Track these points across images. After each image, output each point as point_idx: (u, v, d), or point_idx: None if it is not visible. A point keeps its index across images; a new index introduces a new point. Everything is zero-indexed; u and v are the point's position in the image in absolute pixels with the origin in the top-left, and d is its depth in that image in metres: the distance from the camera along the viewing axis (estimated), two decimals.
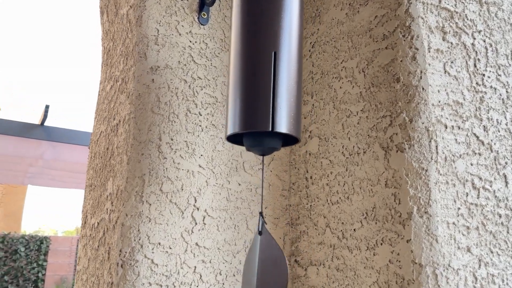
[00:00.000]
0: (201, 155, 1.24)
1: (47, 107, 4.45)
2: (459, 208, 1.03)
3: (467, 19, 1.18)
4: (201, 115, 1.27)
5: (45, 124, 4.66)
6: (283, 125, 0.87)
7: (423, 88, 1.06)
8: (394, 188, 1.04)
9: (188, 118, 1.25)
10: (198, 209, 1.21)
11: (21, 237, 9.18)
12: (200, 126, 1.26)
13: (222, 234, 1.23)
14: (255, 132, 0.92)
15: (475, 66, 1.16)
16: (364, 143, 1.14)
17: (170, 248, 1.15)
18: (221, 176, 1.26)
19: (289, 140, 0.97)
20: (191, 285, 1.17)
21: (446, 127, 1.06)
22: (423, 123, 1.04)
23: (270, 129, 0.86)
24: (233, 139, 0.97)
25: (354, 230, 1.13)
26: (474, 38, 1.18)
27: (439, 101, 1.06)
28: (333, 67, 1.29)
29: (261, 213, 0.95)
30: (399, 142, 1.05)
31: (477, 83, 1.14)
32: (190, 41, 1.30)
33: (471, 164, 1.08)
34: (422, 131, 1.03)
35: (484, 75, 1.16)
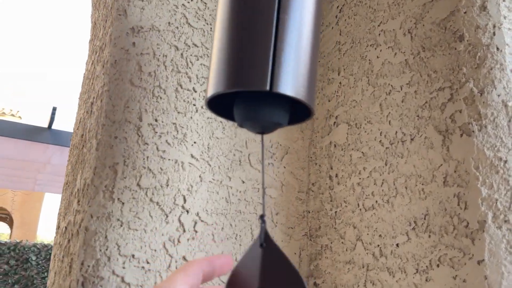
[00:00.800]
0: (195, 143, 0.96)
1: (54, 109, 4.25)
2: None
3: None
4: (195, 91, 0.99)
5: (53, 127, 4.45)
6: (288, 85, 0.57)
7: (497, 48, 0.76)
8: (458, 187, 0.74)
9: (178, 95, 0.96)
10: (188, 212, 0.92)
11: (32, 246, 9.02)
12: (194, 105, 0.98)
13: (219, 245, 0.94)
14: (249, 98, 0.63)
15: None
16: (411, 127, 0.84)
17: (148, 262, 0.86)
18: (219, 171, 0.97)
19: (298, 113, 0.68)
20: None
21: None
22: (499, 95, 0.74)
23: (268, 88, 0.56)
24: (218, 106, 0.67)
25: (397, 245, 0.83)
26: None
27: None
28: (367, 32, 1.00)
29: (262, 217, 0.64)
30: (465, 123, 0.75)
31: None
32: None
33: None
34: (498, 106, 0.73)
35: None
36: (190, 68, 0.99)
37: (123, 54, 0.93)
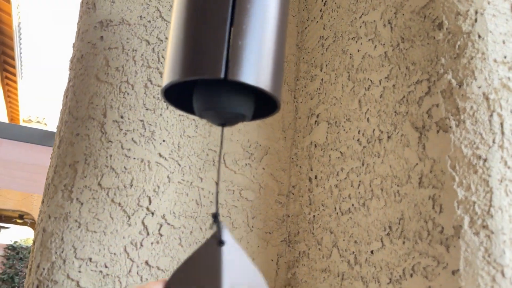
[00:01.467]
0: (163, 141, 0.91)
1: None
2: None
3: None
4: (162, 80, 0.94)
5: None
6: (247, 72, 0.52)
7: (479, 36, 0.69)
8: (433, 188, 0.67)
9: (148, 91, 0.92)
10: (152, 214, 0.87)
11: None
12: (164, 102, 0.93)
13: (187, 250, 0.88)
14: (209, 86, 0.58)
15: None
16: (388, 124, 0.78)
17: (106, 267, 0.81)
18: (190, 171, 0.92)
19: (266, 106, 0.62)
20: None
21: None
22: (479, 87, 0.66)
23: (223, 76, 0.51)
24: (182, 99, 0.63)
25: (372, 252, 0.76)
26: None
27: (505, 57, 0.69)
28: (349, 25, 0.93)
29: (215, 215, 0.57)
30: (442, 118, 0.68)
31: None
32: None
33: None
34: (478, 99, 0.66)
35: None
36: (161, 63, 0.94)
37: (90, 48, 0.90)
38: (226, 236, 0.56)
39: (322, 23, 1.03)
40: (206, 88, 0.56)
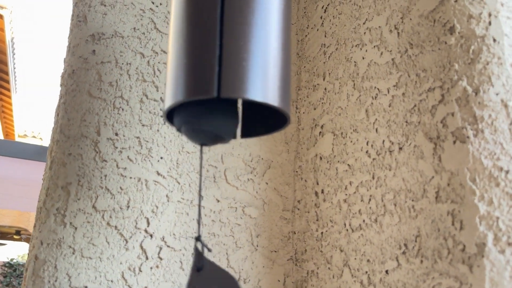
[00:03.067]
0: (161, 158, 0.86)
1: None
2: None
3: None
4: (163, 101, 0.90)
5: None
6: (242, 86, 0.48)
7: (494, 40, 0.65)
8: (452, 203, 0.62)
9: (143, 106, 0.88)
10: (151, 236, 0.82)
11: None
12: (161, 117, 0.89)
13: (189, 274, 0.83)
14: (198, 105, 0.53)
15: None
16: (399, 135, 0.73)
17: None
18: (190, 189, 0.87)
19: (275, 120, 0.58)
20: None
21: None
22: (497, 94, 0.62)
23: (216, 94, 0.47)
24: (181, 123, 0.58)
25: (387, 272, 0.71)
26: None
27: None
28: (352, 31, 0.89)
29: (198, 238, 0.56)
30: (458, 128, 0.63)
31: None
32: (153, 3, 0.95)
33: None
34: (496, 107, 0.62)
35: None
36: (157, 76, 0.90)
37: (81, 63, 0.85)
38: (204, 260, 0.56)
39: (323, 30, 0.99)
40: (192, 106, 0.52)
